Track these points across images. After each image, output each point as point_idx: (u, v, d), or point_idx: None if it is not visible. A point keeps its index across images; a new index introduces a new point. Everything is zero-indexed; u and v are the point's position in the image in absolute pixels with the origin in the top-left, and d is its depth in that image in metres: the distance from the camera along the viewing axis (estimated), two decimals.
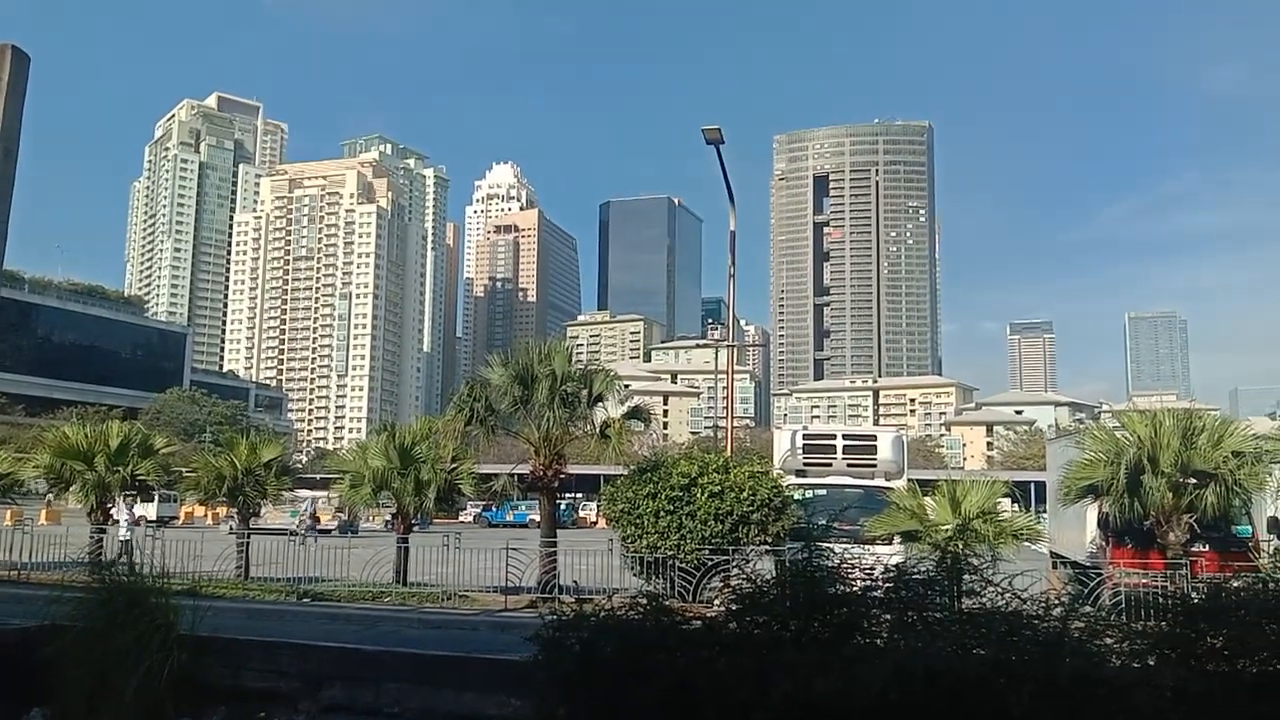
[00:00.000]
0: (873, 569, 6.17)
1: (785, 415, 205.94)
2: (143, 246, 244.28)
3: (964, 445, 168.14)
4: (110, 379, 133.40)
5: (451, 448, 20.13)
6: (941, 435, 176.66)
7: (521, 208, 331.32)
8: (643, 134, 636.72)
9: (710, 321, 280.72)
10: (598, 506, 51.40)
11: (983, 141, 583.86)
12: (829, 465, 19.76)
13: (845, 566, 6.10)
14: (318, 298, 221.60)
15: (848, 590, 5.83)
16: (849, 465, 19.63)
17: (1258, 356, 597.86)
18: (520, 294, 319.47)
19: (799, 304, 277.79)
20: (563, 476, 19.53)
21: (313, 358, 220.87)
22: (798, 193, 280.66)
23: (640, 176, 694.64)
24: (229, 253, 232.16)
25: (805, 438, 20.64)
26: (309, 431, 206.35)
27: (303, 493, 45.92)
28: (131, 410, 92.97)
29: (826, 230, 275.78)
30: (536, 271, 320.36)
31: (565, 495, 53.37)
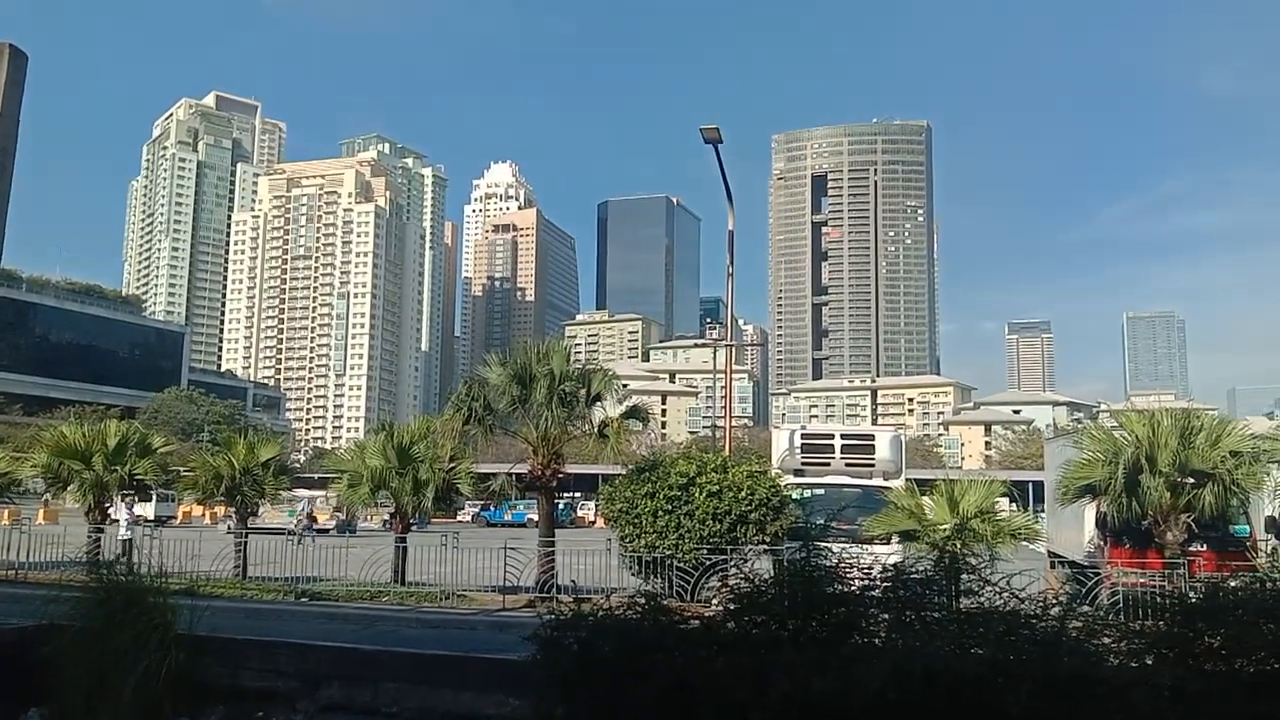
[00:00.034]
0: (871, 568, 6.19)
1: (783, 415, 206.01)
2: (141, 246, 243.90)
3: (962, 445, 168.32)
4: (108, 378, 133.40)
5: (450, 447, 20.11)
6: (940, 435, 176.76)
7: (520, 207, 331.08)
8: (642, 134, 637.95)
9: (709, 321, 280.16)
10: (596, 506, 51.43)
11: (982, 141, 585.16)
12: (827, 465, 19.77)
13: (843, 566, 6.10)
14: (316, 297, 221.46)
15: (846, 590, 5.83)
16: (847, 465, 19.64)
17: (1256, 356, 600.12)
18: (518, 293, 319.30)
19: (797, 303, 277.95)
20: (561, 476, 19.52)
21: (311, 357, 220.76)
22: (796, 192, 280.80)
23: (639, 176, 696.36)
24: (227, 252, 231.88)
25: (803, 437, 20.64)
26: (307, 431, 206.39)
27: (301, 492, 45.93)
28: (129, 409, 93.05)
29: (825, 230, 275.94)
30: (535, 271, 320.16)
31: (563, 495, 53.40)
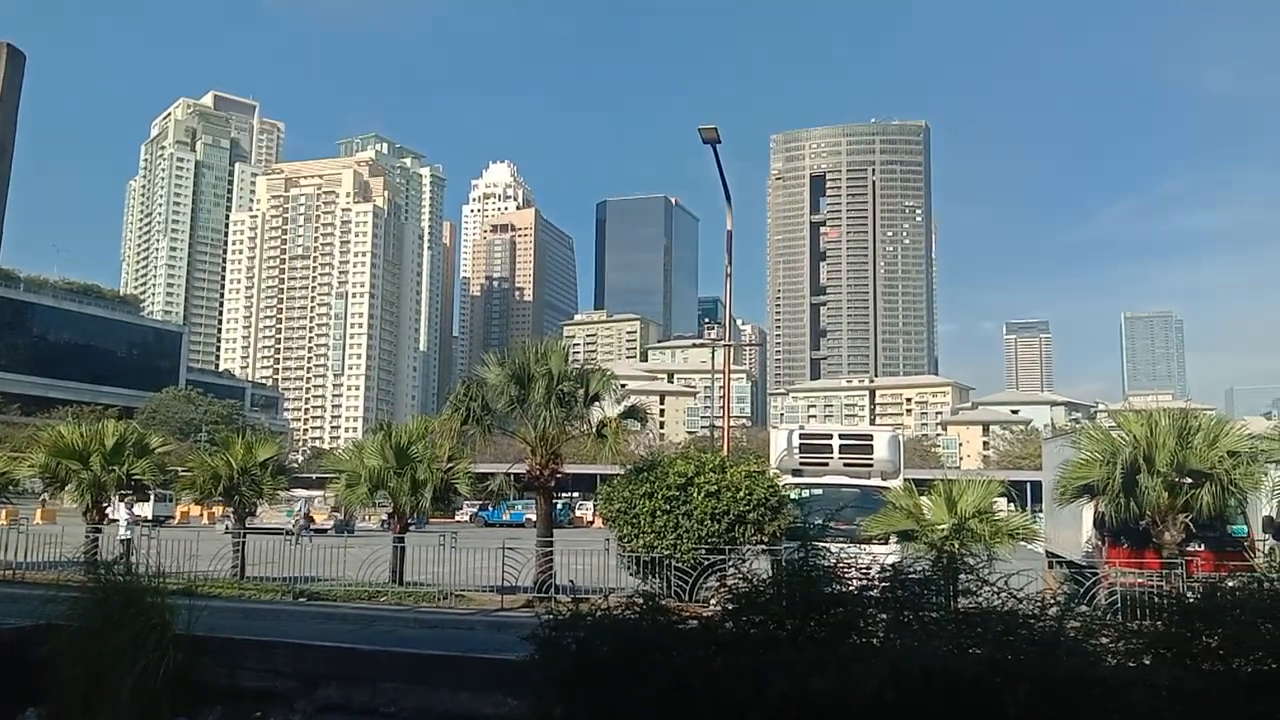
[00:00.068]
0: (869, 568, 6.18)
1: (782, 415, 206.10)
2: (139, 245, 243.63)
3: (960, 445, 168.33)
4: (106, 378, 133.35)
5: (448, 447, 20.09)
6: (938, 435, 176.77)
7: (518, 207, 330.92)
8: (641, 134, 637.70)
9: (707, 321, 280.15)
10: (594, 506, 51.41)
11: (982, 141, 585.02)
12: (825, 465, 19.78)
13: (841, 566, 6.10)
14: (314, 297, 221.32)
15: (844, 590, 5.83)
16: (845, 465, 19.65)
17: (1254, 356, 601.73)
18: (517, 293, 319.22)
19: (796, 303, 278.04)
20: (559, 476, 19.50)
21: (309, 357, 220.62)
22: (794, 192, 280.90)
23: (638, 176, 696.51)
24: (225, 252, 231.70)
25: (801, 437, 20.65)
26: (305, 431, 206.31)
27: (299, 492, 45.94)
28: (127, 409, 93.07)
29: (823, 230, 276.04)
30: (533, 271, 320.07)
31: (562, 495, 53.38)
